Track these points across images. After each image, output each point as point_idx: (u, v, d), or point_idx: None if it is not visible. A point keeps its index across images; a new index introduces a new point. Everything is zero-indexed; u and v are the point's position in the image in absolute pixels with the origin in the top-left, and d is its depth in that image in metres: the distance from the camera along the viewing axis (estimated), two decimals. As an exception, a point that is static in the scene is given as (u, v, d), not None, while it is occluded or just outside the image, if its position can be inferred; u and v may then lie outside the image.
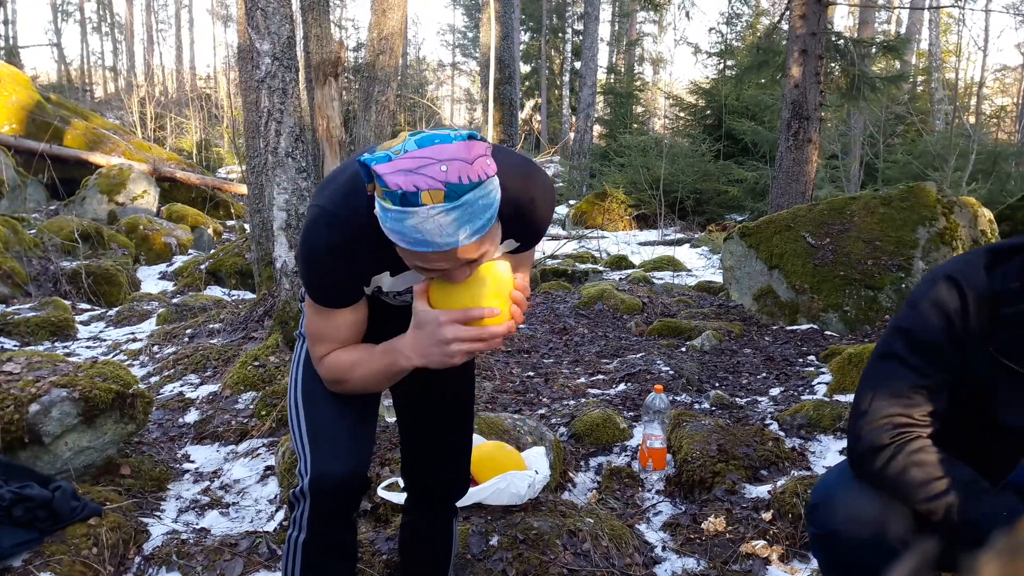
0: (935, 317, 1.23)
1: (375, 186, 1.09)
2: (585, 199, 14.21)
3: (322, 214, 1.23)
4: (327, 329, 1.32)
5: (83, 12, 29.41)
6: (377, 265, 1.29)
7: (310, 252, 1.24)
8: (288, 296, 3.71)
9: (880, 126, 11.85)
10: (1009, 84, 26.48)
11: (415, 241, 1.07)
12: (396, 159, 1.05)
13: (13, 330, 4.70)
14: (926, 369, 1.24)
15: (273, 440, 3.00)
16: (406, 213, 1.05)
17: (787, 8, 7.91)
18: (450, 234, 1.06)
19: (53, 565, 1.94)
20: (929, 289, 1.25)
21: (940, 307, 1.23)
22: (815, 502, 1.35)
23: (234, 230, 10.28)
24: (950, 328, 1.22)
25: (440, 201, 1.03)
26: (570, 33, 24.87)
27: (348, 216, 1.21)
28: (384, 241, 1.17)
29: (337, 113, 4.30)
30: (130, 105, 17.11)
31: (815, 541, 1.37)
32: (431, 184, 1.03)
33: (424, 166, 1.04)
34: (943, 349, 1.23)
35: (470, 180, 1.04)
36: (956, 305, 1.22)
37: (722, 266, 5.96)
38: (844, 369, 3.35)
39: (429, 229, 1.05)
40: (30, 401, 2.36)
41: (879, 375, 1.29)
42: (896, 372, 1.26)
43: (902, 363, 1.26)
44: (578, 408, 3.15)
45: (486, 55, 8.90)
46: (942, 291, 1.23)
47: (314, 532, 1.38)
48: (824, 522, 1.31)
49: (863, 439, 1.27)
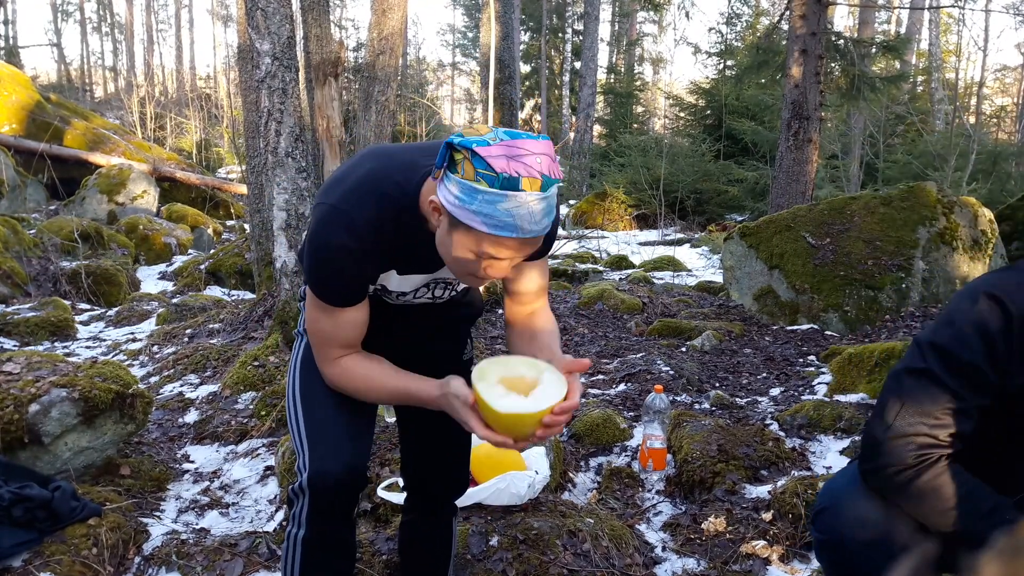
0: (976, 338, 1.17)
1: (458, 169, 1.11)
2: (585, 199, 14.21)
3: (335, 213, 1.23)
4: (331, 328, 1.32)
5: (83, 12, 29.42)
6: (387, 264, 1.30)
7: (321, 251, 1.24)
8: (288, 296, 3.71)
9: (880, 126, 11.84)
10: (1009, 84, 26.48)
11: (503, 225, 1.10)
12: (494, 144, 1.09)
13: (13, 330, 4.70)
14: (962, 392, 1.18)
15: (273, 440, 3.00)
16: (503, 196, 1.09)
17: (787, 8, 7.91)
18: (537, 221, 1.12)
19: (53, 565, 1.94)
20: (970, 307, 1.19)
21: (982, 327, 1.16)
22: (820, 507, 1.34)
23: (234, 230, 10.28)
24: (991, 350, 1.16)
25: (537, 190, 1.10)
26: (570, 33, 24.86)
27: (362, 215, 1.22)
28: (395, 240, 1.22)
29: (337, 113, 4.30)
30: (130, 105, 17.11)
31: (819, 546, 1.36)
32: (530, 172, 1.09)
33: (523, 155, 1.09)
34: (982, 372, 1.17)
35: (556, 176, 1.13)
36: (999, 325, 1.15)
37: (722, 266, 5.95)
38: (844, 369, 3.35)
39: (522, 214, 1.10)
40: (30, 401, 2.36)
41: (909, 390, 1.22)
42: (928, 390, 1.20)
43: (936, 382, 1.19)
44: (578, 408, 3.14)
45: (486, 55, 8.90)
46: (984, 310, 1.17)
47: (313, 529, 1.38)
48: (829, 528, 1.30)
49: (886, 454, 1.22)
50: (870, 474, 1.26)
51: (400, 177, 1.25)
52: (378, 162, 1.28)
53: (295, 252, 3.67)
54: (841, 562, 1.31)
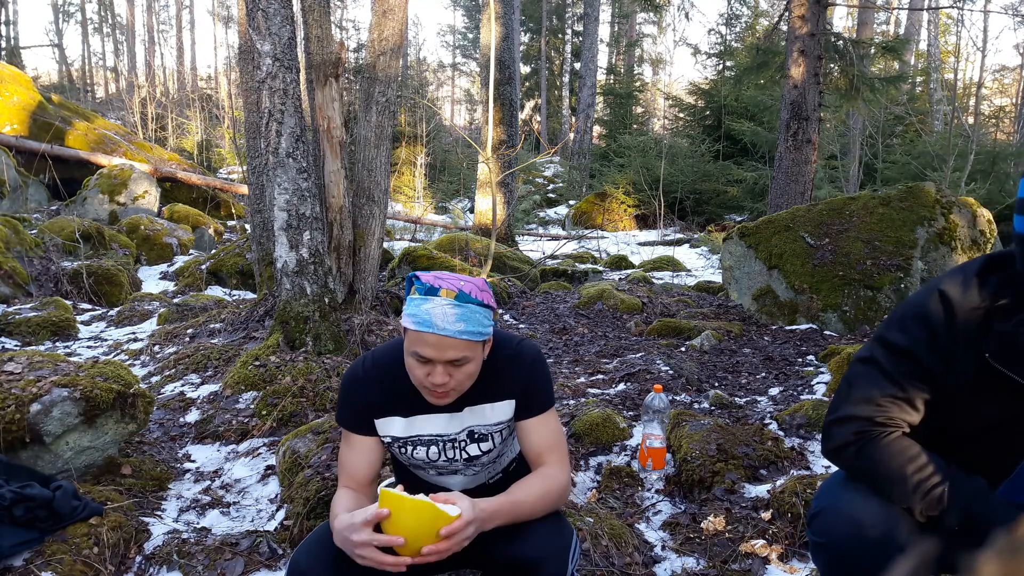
0: (919, 328, 1.25)
1: (411, 292, 1.45)
2: (585, 199, 14.23)
3: (363, 355, 1.61)
4: (344, 454, 1.58)
5: (84, 13, 29.43)
6: (386, 400, 1.53)
7: (343, 378, 1.59)
8: (288, 296, 3.72)
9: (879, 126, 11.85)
10: (1008, 84, 26.50)
11: (422, 321, 1.39)
12: (430, 274, 1.46)
13: (14, 330, 4.71)
14: (902, 380, 1.26)
15: (274, 440, 3.01)
16: (425, 299, 1.41)
17: (786, 9, 7.92)
18: (451, 323, 1.39)
19: (54, 564, 1.94)
20: (920, 301, 1.27)
21: (926, 319, 1.25)
22: (816, 509, 1.35)
23: (235, 230, 10.29)
24: (934, 341, 1.24)
25: (452, 298, 1.41)
26: (570, 34, 24.89)
27: (377, 357, 1.57)
28: (395, 384, 1.50)
29: (338, 114, 4.31)
30: (131, 105, 17.12)
31: (815, 549, 1.36)
32: (449, 286, 1.42)
33: (448, 278, 1.45)
34: (921, 361, 1.25)
35: (477, 299, 1.42)
36: (943, 319, 1.23)
37: (721, 266, 5.96)
38: (843, 369, 3.36)
39: (436, 313, 1.39)
40: (31, 401, 2.37)
41: (855, 377, 1.33)
42: (871, 377, 1.29)
43: (879, 369, 1.29)
44: (578, 408, 3.15)
45: (486, 56, 8.90)
46: (930, 304, 1.25)
47: None
48: (825, 530, 1.31)
49: (831, 436, 1.33)
50: (826, 455, 1.36)
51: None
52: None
53: (295, 252, 3.68)
54: (837, 565, 1.31)
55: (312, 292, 3.72)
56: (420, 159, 16.27)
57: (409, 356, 1.44)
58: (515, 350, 1.56)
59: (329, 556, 1.42)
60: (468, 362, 1.43)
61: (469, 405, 1.53)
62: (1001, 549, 0.41)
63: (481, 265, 6.40)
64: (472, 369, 1.45)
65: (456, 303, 1.40)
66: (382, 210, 4.58)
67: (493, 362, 1.52)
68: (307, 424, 2.80)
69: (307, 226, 3.68)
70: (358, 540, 1.31)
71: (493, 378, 1.53)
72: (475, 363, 1.45)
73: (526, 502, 1.44)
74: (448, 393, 1.45)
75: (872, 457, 1.27)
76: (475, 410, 1.53)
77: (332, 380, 3.41)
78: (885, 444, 1.26)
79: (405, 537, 1.28)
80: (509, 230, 9.78)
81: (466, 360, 1.42)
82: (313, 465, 2.45)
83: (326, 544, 1.44)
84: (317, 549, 1.45)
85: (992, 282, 1.22)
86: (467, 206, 15.70)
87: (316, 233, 3.72)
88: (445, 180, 18.08)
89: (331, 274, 3.87)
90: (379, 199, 4.54)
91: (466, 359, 1.42)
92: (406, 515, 1.28)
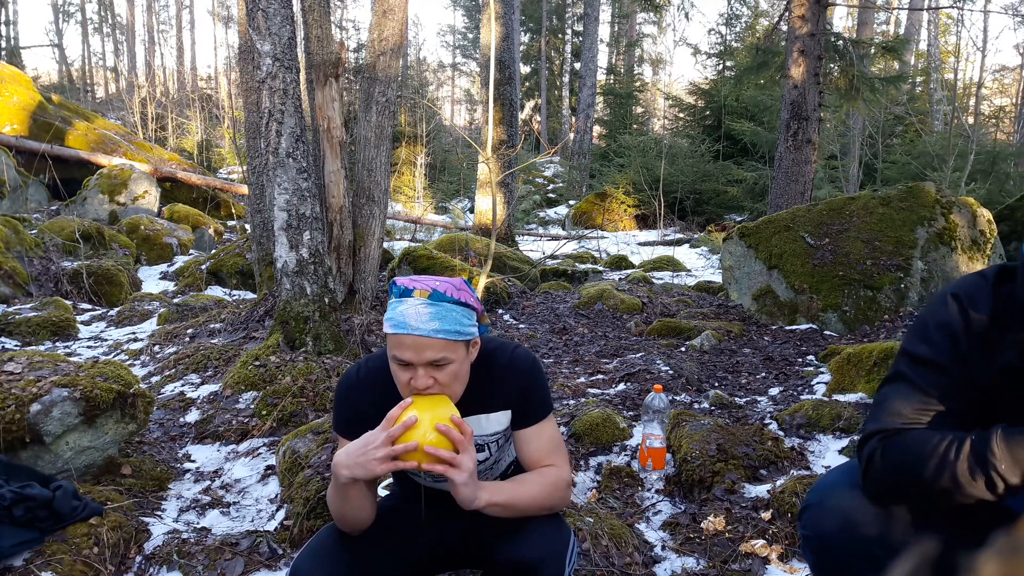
0: (941, 336, 1.24)
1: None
2: (585, 199, 14.23)
3: (357, 361, 1.61)
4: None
5: (84, 13, 29.44)
6: (379, 411, 1.45)
7: (337, 385, 1.59)
8: (288, 296, 3.72)
9: (879, 126, 11.86)
10: (1008, 84, 26.50)
11: (397, 324, 1.37)
12: (409, 277, 1.44)
13: (14, 330, 4.71)
14: (930, 391, 1.23)
15: (274, 440, 3.01)
16: (400, 301, 1.40)
17: (786, 9, 7.92)
18: (424, 322, 1.36)
19: (54, 564, 1.94)
20: (937, 309, 1.26)
21: (947, 326, 1.24)
22: (806, 504, 1.36)
23: (235, 230, 10.30)
24: (956, 348, 1.23)
25: (425, 298, 1.38)
26: (570, 34, 24.89)
27: (371, 365, 1.55)
28: (387, 393, 1.45)
29: (338, 114, 4.31)
30: (131, 105, 17.12)
31: (804, 542, 1.38)
32: (423, 287, 1.40)
33: (424, 279, 1.43)
34: (947, 370, 1.23)
35: (452, 297, 1.39)
36: (962, 325, 1.22)
37: (721, 266, 5.97)
38: (843, 369, 3.35)
39: (410, 313, 1.37)
40: (31, 401, 2.37)
41: (884, 397, 1.29)
42: (900, 392, 1.26)
43: (907, 382, 1.26)
44: (578, 408, 3.15)
45: (486, 56, 8.91)
46: (950, 310, 1.24)
47: None
48: (813, 524, 1.32)
49: (861, 458, 1.26)
50: (863, 481, 1.26)
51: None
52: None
53: (295, 252, 3.68)
54: (824, 558, 1.33)
55: (312, 292, 3.72)
56: (420, 159, 16.27)
57: (391, 362, 1.41)
58: (510, 358, 1.52)
59: (332, 563, 1.42)
60: (450, 363, 1.38)
61: (464, 416, 1.49)
62: (1001, 549, 0.41)
63: (481, 265, 6.40)
64: (455, 370, 1.40)
65: (429, 302, 1.37)
66: (382, 210, 4.58)
67: (488, 372, 1.50)
68: (307, 424, 2.80)
69: (307, 226, 3.68)
70: (378, 442, 1.34)
71: (488, 388, 1.50)
72: (459, 364, 1.40)
73: (529, 486, 1.46)
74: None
75: (898, 447, 1.22)
76: (471, 421, 1.50)
77: (332, 380, 3.41)
78: (906, 434, 1.23)
79: (419, 417, 1.34)
80: (509, 230, 9.78)
81: (447, 361, 1.38)
82: (313, 465, 2.45)
83: (328, 550, 1.44)
84: (319, 555, 1.44)
85: (1006, 288, 1.22)
86: (467, 206, 15.71)
87: (316, 233, 3.72)
88: (445, 180, 18.09)
89: (331, 274, 3.88)
90: (379, 199, 4.54)
91: (446, 359, 1.38)
92: (420, 402, 1.37)
